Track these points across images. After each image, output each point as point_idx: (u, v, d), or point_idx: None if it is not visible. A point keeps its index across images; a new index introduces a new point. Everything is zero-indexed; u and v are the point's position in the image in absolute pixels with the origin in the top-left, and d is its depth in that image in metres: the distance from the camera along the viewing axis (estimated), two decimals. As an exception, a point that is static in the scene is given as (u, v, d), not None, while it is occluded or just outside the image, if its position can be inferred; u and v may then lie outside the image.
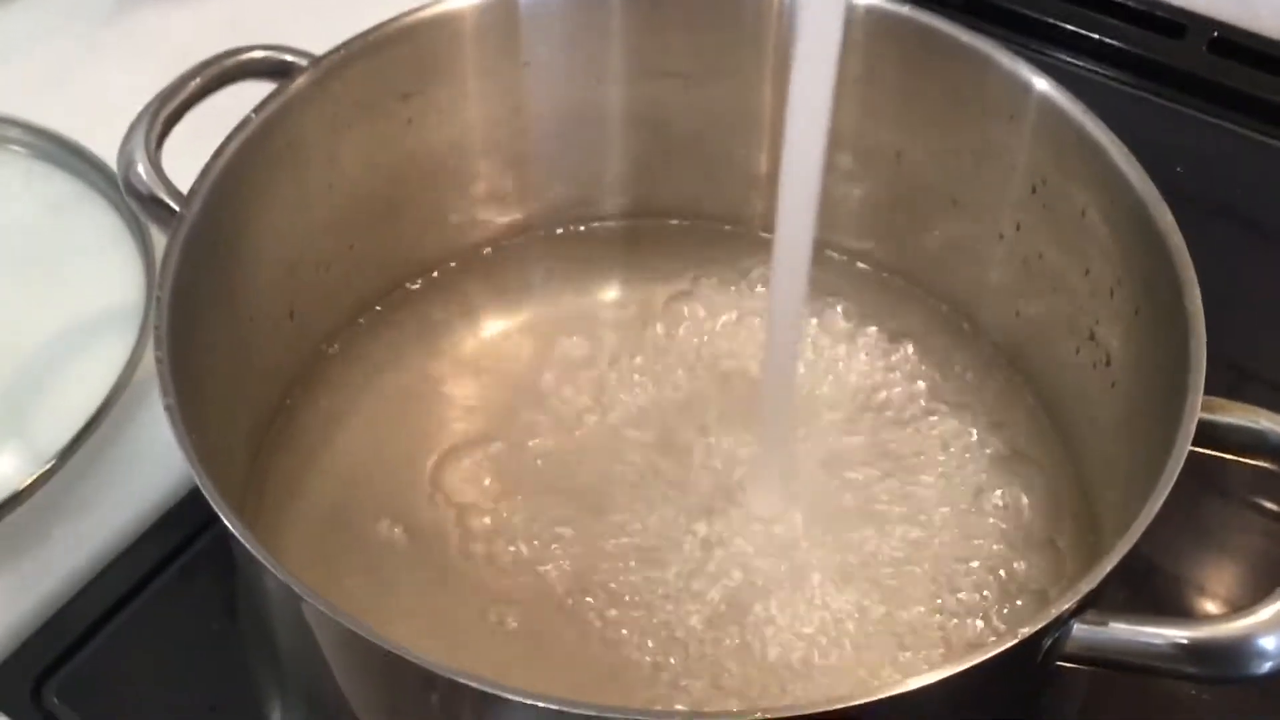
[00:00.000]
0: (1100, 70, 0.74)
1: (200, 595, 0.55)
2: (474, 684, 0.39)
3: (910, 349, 0.59)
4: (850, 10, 0.43)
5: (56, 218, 0.64)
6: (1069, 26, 0.75)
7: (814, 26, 0.43)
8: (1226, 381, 0.62)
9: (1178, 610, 0.54)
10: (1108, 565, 0.41)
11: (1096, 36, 0.74)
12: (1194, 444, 0.44)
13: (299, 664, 0.49)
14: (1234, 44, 0.74)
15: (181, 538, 0.55)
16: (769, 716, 0.39)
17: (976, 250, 0.58)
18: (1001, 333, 0.58)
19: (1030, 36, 0.74)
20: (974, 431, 0.56)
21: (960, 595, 0.52)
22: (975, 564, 0.52)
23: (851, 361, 0.58)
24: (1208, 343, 0.46)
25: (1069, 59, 0.74)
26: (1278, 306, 0.65)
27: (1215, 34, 0.74)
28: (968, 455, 0.55)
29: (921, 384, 0.57)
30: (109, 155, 0.60)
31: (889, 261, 0.61)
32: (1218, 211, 0.69)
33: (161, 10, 0.75)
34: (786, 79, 0.44)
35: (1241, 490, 0.58)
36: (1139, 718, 0.51)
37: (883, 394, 0.57)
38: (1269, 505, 0.57)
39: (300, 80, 0.53)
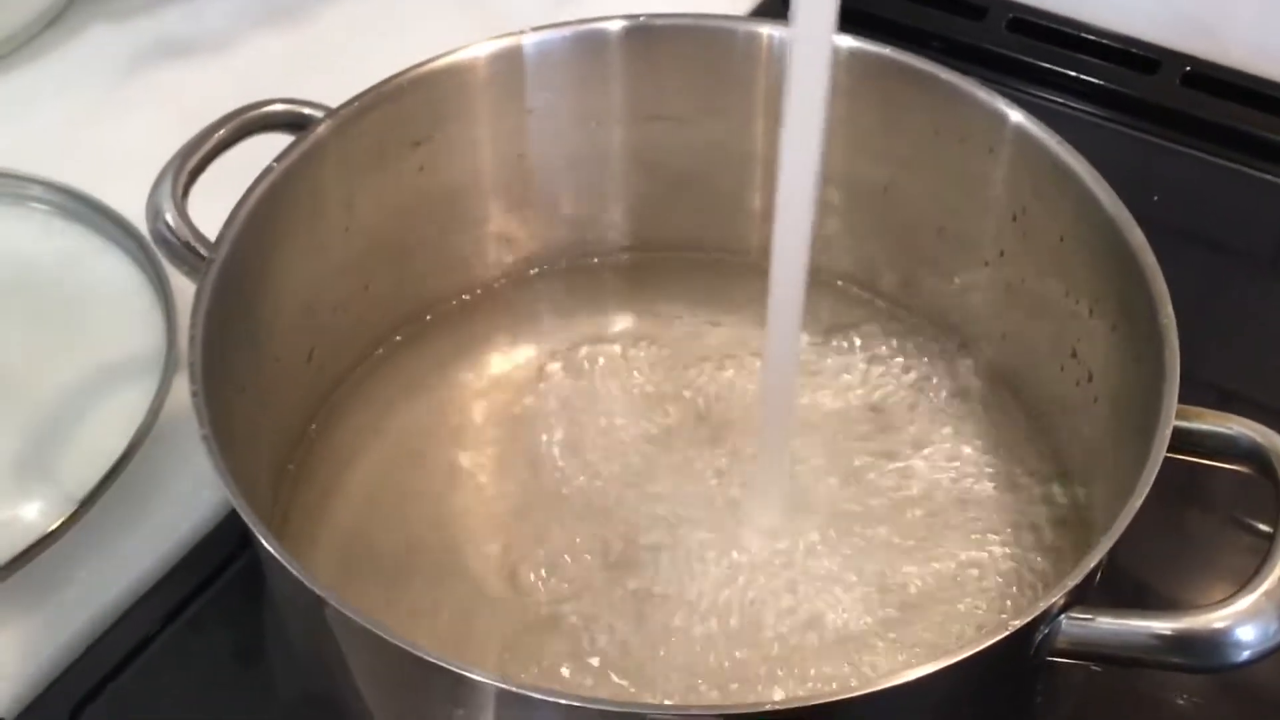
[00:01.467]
0: (1079, 106, 0.75)
1: (226, 627, 0.56)
2: (498, 684, 0.41)
3: (902, 370, 0.60)
4: (835, 53, 0.45)
5: (77, 270, 0.64)
6: (1048, 65, 0.76)
7: (803, 70, 0.44)
8: (1208, 402, 0.63)
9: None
10: (1092, 560, 0.42)
11: (1074, 74, 0.76)
12: (1171, 450, 0.45)
13: (324, 678, 0.50)
14: (1205, 77, 0.75)
15: (206, 573, 0.57)
16: (770, 708, 0.40)
17: (964, 276, 0.59)
18: (991, 353, 0.60)
19: (1010, 75, 0.75)
20: (967, 449, 0.57)
21: (963, 602, 0.53)
22: (976, 571, 0.54)
23: (848, 382, 0.60)
24: (1188, 365, 0.47)
25: (1049, 96, 0.75)
26: (1254, 327, 0.67)
27: (1187, 68, 0.76)
28: (963, 470, 0.57)
29: (915, 404, 0.59)
30: (126, 208, 0.62)
31: (881, 287, 0.62)
32: (1193, 237, 0.70)
33: (172, 67, 0.76)
34: (777, 119, 0.46)
35: (1226, 505, 0.60)
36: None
37: (878, 414, 0.59)
38: (1250, 521, 0.59)
39: (319, 130, 0.55)
